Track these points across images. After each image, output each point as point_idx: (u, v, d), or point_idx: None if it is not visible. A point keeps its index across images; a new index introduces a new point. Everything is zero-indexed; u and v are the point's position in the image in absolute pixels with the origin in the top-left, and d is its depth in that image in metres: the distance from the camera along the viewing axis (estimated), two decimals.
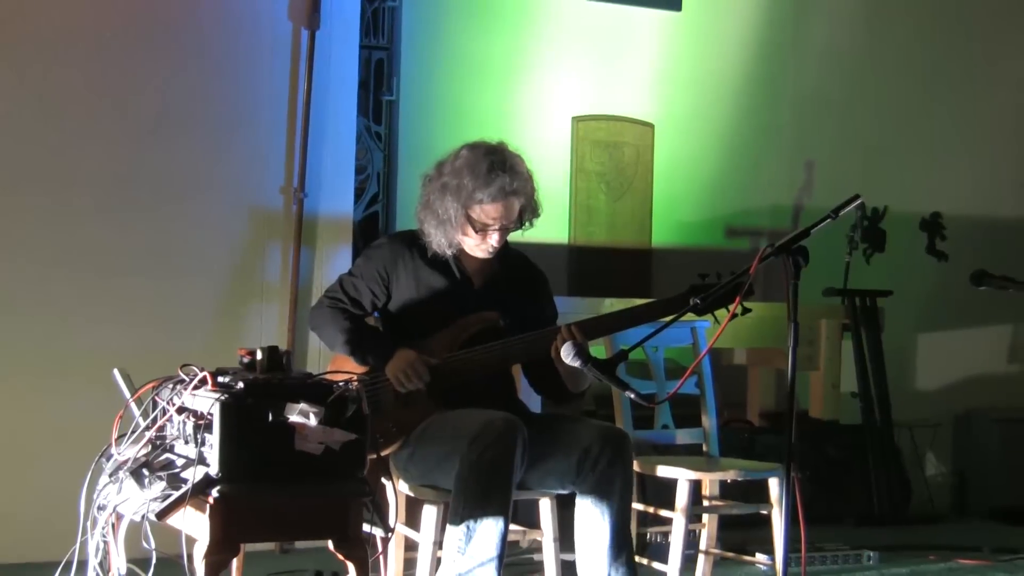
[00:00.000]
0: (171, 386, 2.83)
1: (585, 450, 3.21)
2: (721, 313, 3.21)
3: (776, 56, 6.07)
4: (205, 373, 2.75)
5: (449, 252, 3.37)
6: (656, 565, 3.78)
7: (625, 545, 3.24)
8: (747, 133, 6.01)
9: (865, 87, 6.19)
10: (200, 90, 4.49)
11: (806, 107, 6.13)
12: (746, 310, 3.09)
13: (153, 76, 4.42)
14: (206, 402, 2.69)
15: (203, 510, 2.67)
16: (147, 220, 4.41)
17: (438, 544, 3.25)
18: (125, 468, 2.76)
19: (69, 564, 2.88)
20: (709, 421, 3.98)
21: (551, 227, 3.49)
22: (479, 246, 3.36)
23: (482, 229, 3.32)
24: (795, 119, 6.12)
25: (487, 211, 3.29)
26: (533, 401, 3.75)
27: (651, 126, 5.83)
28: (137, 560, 2.84)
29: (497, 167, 3.27)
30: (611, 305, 4.77)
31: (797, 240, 2.81)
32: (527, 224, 3.40)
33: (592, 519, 3.22)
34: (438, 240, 3.35)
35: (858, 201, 2.91)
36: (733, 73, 5.99)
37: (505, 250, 3.43)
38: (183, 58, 4.47)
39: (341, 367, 3.35)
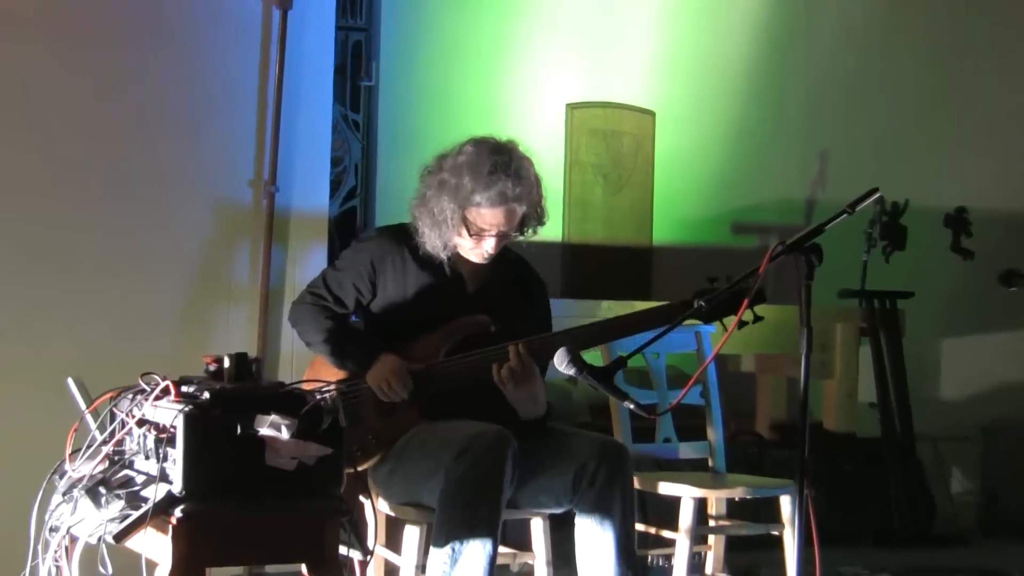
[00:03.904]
0: (131, 396, 2.83)
1: (582, 465, 3.21)
2: (729, 319, 3.21)
3: (787, 38, 6.08)
4: (168, 382, 2.75)
5: (444, 255, 3.37)
6: None
7: (632, 567, 3.24)
8: (756, 121, 6.02)
9: (883, 71, 6.21)
10: (161, 77, 4.48)
11: (819, 93, 6.14)
12: (757, 318, 3.10)
13: (110, 63, 4.41)
14: (169, 414, 2.69)
15: (165, 532, 2.66)
16: (104, 217, 4.40)
17: (421, 568, 3.25)
18: (80, 486, 2.75)
19: None
20: (715, 434, 3.99)
21: (546, 224, 3.49)
22: (473, 250, 3.36)
23: (477, 234, 3.32)
24: (807, 106, 6.14)
25: (484, 216, 3.29)
26: None
27: (652, 114, 5.84)
28: None
29: (500, 169, 3.27)
30: (608, 308, 4.78)
31: (810, 237, 2.81)
32: (529, 232, 3.40)
33: (594, 541, 3.23)
34: (432, 242, 3.36)
35: (876, 195, 2.91)
36: (741, 56, 6.00)
37: (505, 254, 3.42)
38: (142, 42, 4.46)
39: (318, 374, 3.35)
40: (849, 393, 5.50)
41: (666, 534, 3.78)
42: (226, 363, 2.81)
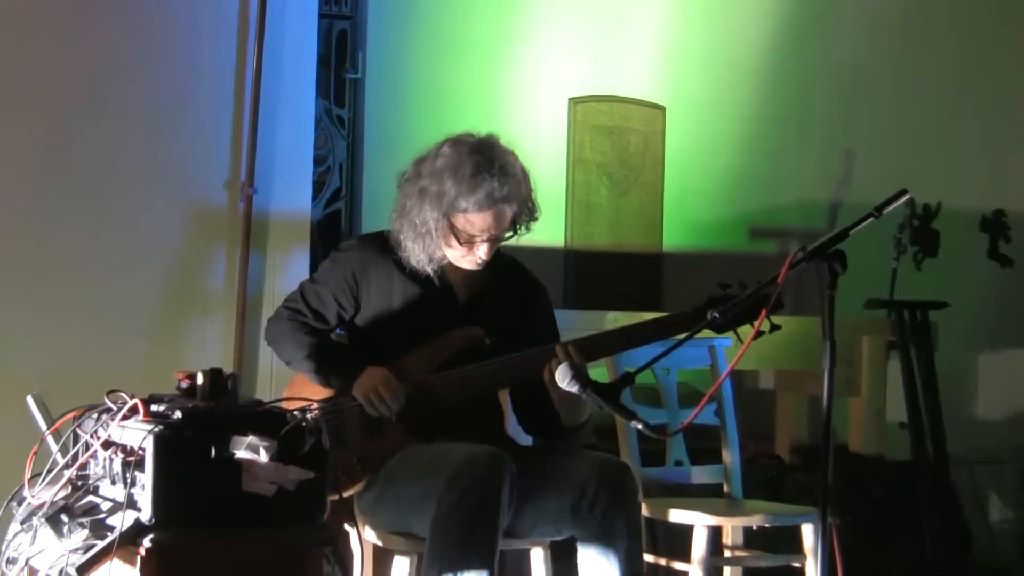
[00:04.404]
0: (95, 416, 2.83)
1: (581, 488, 3.22)
2: (745, 330, 3.22)
3: (809, 27, 6.09)
4: (136, 401, 2.75)
5: (430, 268, 3.38)
6: None
7: None
8: (775, 116, 6.03)
9: (913, 62, 6.21)
10: (128, 67, 4.48)
11: (843, 86, 6.15)
12: (774, 327, 3.11)
13: (71, 50, 4.41)
14: (137, 435, 2.69)
15: (133, 563, 2.66)
16: (66, 221, 4.41)
17: None
18: (40, 514, 2.75)
19: None
20: (730, 456, 3.99)
21: (544, 228, 3.48)
22: (464, 258, 3.37)
23: (468, 241, 3.32)
24: (831, 100, 6.14)
25: (472, 221, 3.30)
26: (521, 431, 3.76)
27: (661, 109, 5.84)
28: None
29: (484, 169, 3.27)
30: (615, 320, 4.79)
31: (834, 243, 2.82)
32: (522, 229, 3.40)
33: (598, 572, 3.23)
34: (417, 256, 3.36)
35: (906, 196, 2.92)
36: (758, 46, 6.01)
37: (496, 257, 3.43)
38: (107, 28, 4.46)
39: (300, 391, 3.35)
40: (877, 412, 5.50)
41: (677, 566, 3.78)
42: (199, 379, 2.82)
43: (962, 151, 6.24)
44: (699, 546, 3.66)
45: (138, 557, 2.65)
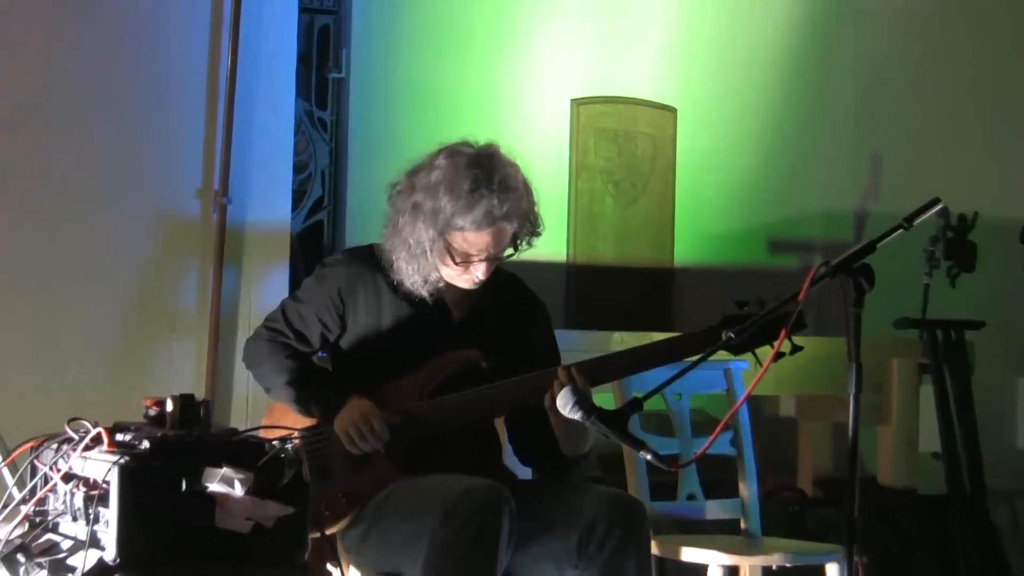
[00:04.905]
0: (55, 446, 2.83)
1: (588, 526, 3.22)
2: (763, 352, 3.22)
3: (833, 23, 6.11)
4: (99, 429, 2.75)
5: (425, 291, 3.38)
6: None
7: None
8: (796, 119, 6.04)
9: (946, 59, 6.23)
10: (91, 65, 4.49)
11: (870, 85, 6.16)
12: (795, 348, 3.11)
13: (26, 48, 4.41)
14: (100, 467, 2.69)
15: None
16: (20, 232, 4.41)
17: None
18: None
19: None
20: (748, 489, 3.99)
21: (544, 240, 3.49)
22: (460, 276, 3.37)
23: (464, 261, 3.33)
24: (856, 100, 6.16)
25: (470, 240, 3.30)
26: (519, 463, 3.76)
27: (672, 110, 5.86)
28: None
29: (482, 184, 3.27)
30: (621, 340, 4.79)
31: (860, 256, 2.83)
32: (524, 246, 3.41)
33: None
34: (411, 277, 3.36)
35: (939, 206, 2.93)
36: (778, 44, 6.02)
37: (494, 273, 3.43)
38: (66, 24, 4.47)
39: (279, 419, 3.35)
40: (908, 441, 5.50)
41: None
42: (169, 406, 2.82)
43: (1000, 156, 6.25)
44: None
45: None
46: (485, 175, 3.28)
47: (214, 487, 2.68)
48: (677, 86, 5.89)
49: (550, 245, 5.23)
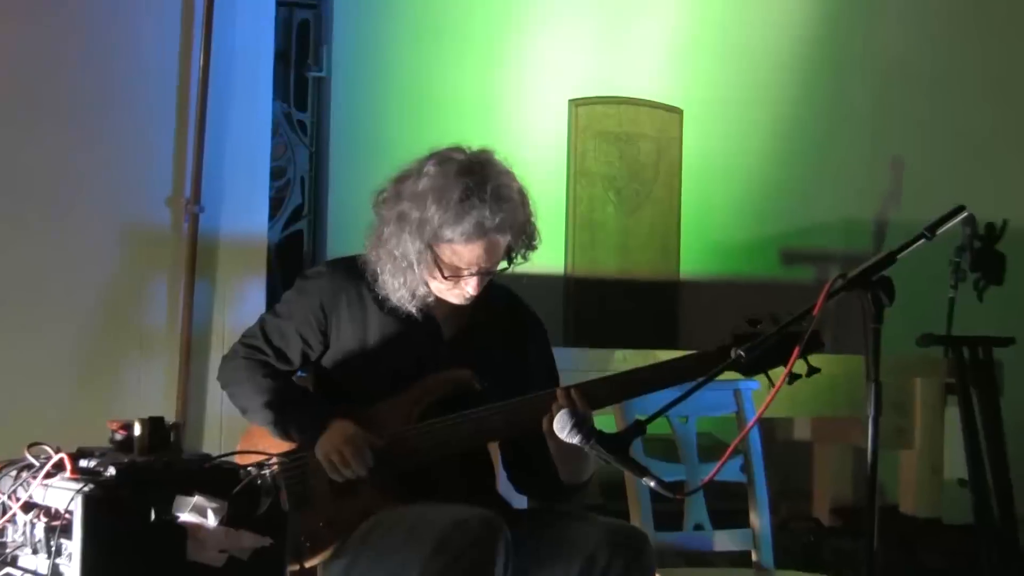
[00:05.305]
0: (14, 473, 2.83)
1: (588, 559, 3.22)
2: (776, 372, 3.23)
3: (849, 19, 6.13)
4: (62, 455, 2.75)
5: (412, 307, 3.39)
6: None
7: None
8: (810, 121, 6.06)
9: (972, 56, 6.24)
10: (48, 61, 4.49)
11: (890, 85, 6.18)
12: (811, 369, 3.11)
13: None
14: (63, 495, 2.69)
15: None
16: None
17: None
18: None
19: None
20: (760, 519, 3.99)
21: (540, 251, 3.49)
22: (450, 291, 3.38)
23: (453, 275, 3.33)
24: (875, 102, 6.17)
25: (459, 253, 3.30)
26: (513, 491, 3.76)
27: (678, 112, 5.87)
28: None
29: (474, 194, 3.27)
30: (623, 360, 4.80)
31: (879, 268, 2.84)
32: (518, 259, 3.41)
33: None
34: (396, 292, 3.36)
35: (964, 214, 2.93)
36: (789, 38, 6.04)
37: (488, 288, 3.44)
38: (28, 19, 4.47)
39: (256, 443, 3.35)
40: (932, 467, 5.51)
41: None
42: (137, 430, 2.81)
43: None
44: None
45: None
46: (477, 184, 3.28)
47: (185, 517, 2.68)
48: (683, 85, 5.90)
49: (547, 256, 5.22)
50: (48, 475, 2.75)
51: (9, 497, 2.81)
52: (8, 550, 2.82)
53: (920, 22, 6.21)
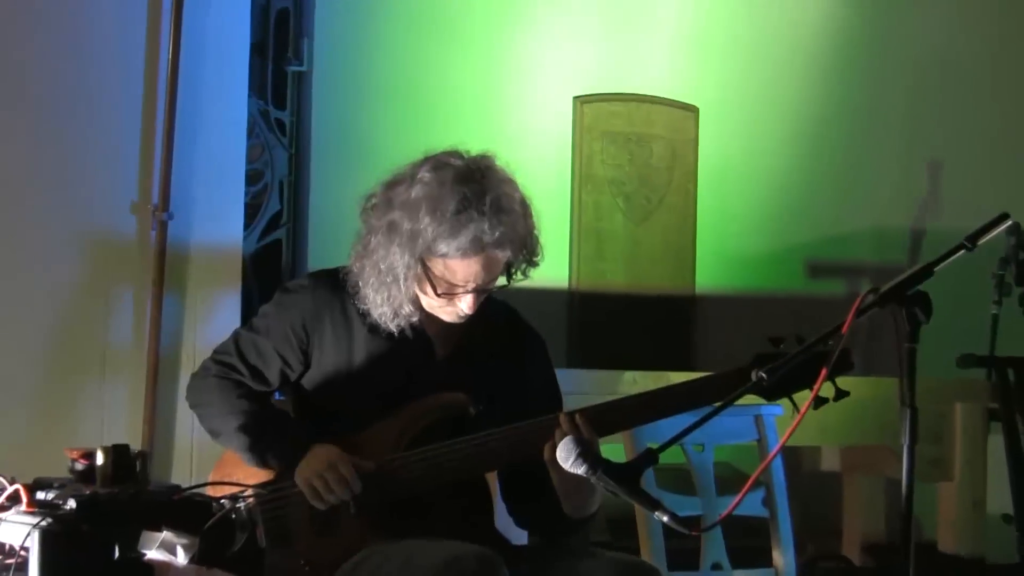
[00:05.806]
0: None
1: None
2: (802, 396, 3.23)
3: (883, 9, 6.13)
4: (17, 486, 2.75)
5: (393, 325, 3.38)
6: None
7: None
8: (838, 120, 6.06)
9: (1015, 53, 6.25)
10: (10, 58, 4.51)
11: (927, 82, 6.19)
12: (840, 393, 3.12)
13: None
14: (18, 530, 2.69)
15: None
16: None
17: None
18: None
19: None
20: (784, 557, 3.99)
21: (543, 263, 3.50)
22: (444, 309, 3.38)
23: (447, 292, 3.33)
24: (911, 102, 6.18)
25: (453, 268, 3.30)
26: (513, 525, 3.77)
27: (693, 110, 5.88)
28: None
29: (472, 205, 3.27)
30: (633, 382, 4.80)
31: (915, 282, 2.84)
32: (518, 275, 3.41)
33: None
34: (378, 308, 3.36)
35: (1008, 222, 2.94)
36: (818, 33, 6.05)
37: (485, 303, 3.44)
38: None
39: (230, 473, 3.35)
40: (974, 501, 5.51)
41: None
42: (99, 459, 2.82)
43: None
44: None
45: None
46: (475, 194, 3.27)
47: (153, 554, 2.69)
48: (699, 81, 5.91)
49: (550, 269, 5.23)
50: (2, 508, 2.75)
51: None
52: None
53: (961, 14, 6.22)
